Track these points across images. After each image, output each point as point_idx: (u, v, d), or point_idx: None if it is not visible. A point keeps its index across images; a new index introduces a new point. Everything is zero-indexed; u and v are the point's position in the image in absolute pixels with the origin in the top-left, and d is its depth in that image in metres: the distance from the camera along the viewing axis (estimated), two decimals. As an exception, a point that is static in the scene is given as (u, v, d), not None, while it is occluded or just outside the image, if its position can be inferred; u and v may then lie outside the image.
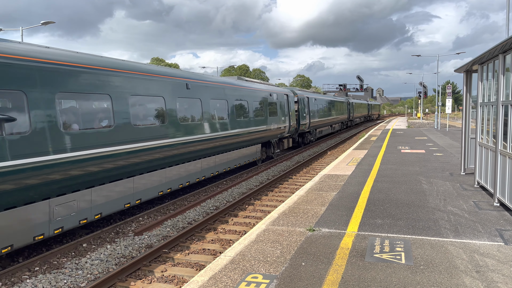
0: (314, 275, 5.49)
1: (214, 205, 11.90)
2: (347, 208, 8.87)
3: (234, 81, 16.89)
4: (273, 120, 19.84)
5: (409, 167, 14.49)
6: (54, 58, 7.94)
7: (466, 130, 12.40)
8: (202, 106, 13.10)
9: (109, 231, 9.44)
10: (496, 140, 8.94)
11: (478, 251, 6.28)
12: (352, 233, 7.19)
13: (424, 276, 5.38)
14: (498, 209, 8.65)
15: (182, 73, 12.83)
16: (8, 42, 7.32)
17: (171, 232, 9.56)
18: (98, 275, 7.25)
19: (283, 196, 13.26)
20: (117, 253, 8.21)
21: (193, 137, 12.29)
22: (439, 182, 11.71)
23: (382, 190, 10.63)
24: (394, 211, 8.62)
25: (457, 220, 7.88)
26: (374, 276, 5.42)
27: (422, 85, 52.73)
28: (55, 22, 29.68)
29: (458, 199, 9.64)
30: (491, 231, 7.23)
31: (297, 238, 6.99)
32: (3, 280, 6.91)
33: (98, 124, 8.89)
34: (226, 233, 9.63)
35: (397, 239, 6.87)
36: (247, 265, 5.87)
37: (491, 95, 9.77)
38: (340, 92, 79.37)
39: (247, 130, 16.58)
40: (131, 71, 10.03)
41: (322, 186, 11.34)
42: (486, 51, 8.85)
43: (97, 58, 9.29)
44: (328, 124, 34.93)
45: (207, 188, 14.11)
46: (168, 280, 7.08)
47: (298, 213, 8.62)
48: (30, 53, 7.46)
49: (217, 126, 14.07)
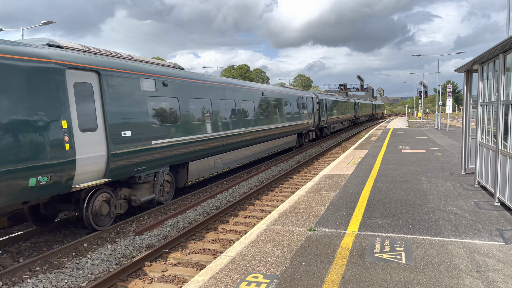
0: (315, 274, 5.49)
1: (214, 205, 11.91)
2: (348, 208, 8.87)
3: (281, 89, 24.29)
4: (304, 117, 26.27)
5: (409, 167, 14.49)
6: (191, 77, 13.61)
7: (467, 130, 12.40)
8: (269, 107, 20.11)
9: (109, 231, 9.45)
10: (497, 140, 8.94)
11: (478, 250, 6.29)
12: (352, 233, 7.20)
13: (425, 276, 5.38)
14: (499, 209, 8.66)
15: (259, 86, 20.22)
16: (178, 70, 13.15)
17: (172, 232, 9.57)
18: (98, 275, 7.26)
19: (283, 196, 13.26)
20: (118, 253, 8.22)
21: (260, 127, 18.66)
22: (439, 181, 11.71)
23: (382, 190, 10.63)
24: (394, 210, 8.63)
25: (457, 220, 7.89)
26: (375, 275, 5.42)
27: (422, 85, 52.68)
28: (56, 22, 29.68)
29: (459, 198, 9.64)
30: (491, 230, 7.23)
31: (297, 238, 6.99)
32: (4, 280, 6.92)
33: (225, 118, 15.39)
34: (227, 233, 9.63)
35: (397, 238, 6.88)
36: (247, 265, 5.87)
37: (491, 95, 9.77)
38: (340, 92, 79.34)
39: (290, 124, 23.26)
40: (221, 83, 15.81)
41: (323, 186, 11.35)
42: (486, 51, 8.85)
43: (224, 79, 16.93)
44: (340, 121, 41.71)
45: (207, 188, 14.12)
46: (169, 280, 7.09)
47: (299, 213, 8.62)
48: (189, 75, 13.59)
49: (273, 120, 20.39)
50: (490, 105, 9.80)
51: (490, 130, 9.84)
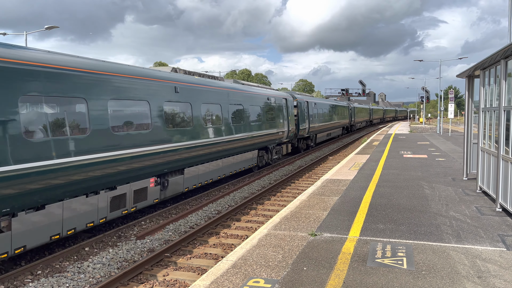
0: (316, 279, 5.49)
1: (216, 210, 11.91)
2: (349, 213, 8.87)
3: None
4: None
5: (411, 172, 14.47)
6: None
7: (468, 135, 12.40)
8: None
9: (111, 235, 9.46)
10: (498, 145, 8.94)
11: (480, 256, 6.27)
12: (354, 238, 7.19)
13: (426, 282, 5.38)
14: (500, 215, 8.64)
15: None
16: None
17: (173, 236, 9.57)
18: (100, 279, 7.26)
19: (285, 200, 13.26)
20: (119, 257, 8.23)
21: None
22: (441, 187, 11.70)
23: (384, 195, 10.63)
24: (396, 216, 8.62)
25: (459, 226, 7.88)
26: (376, 281, 5.42)
27: (424, 90, 52.69)
28: (59, 27, 29.65)
29: (460, 204, 9.63)
30: (493, 236, 7.22)
31: (299, 243, 6.99)
32: (5, 284, 6.93)
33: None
34: (228, 237, 9.63)
35: (399, 244, 6.87)
36: (249, 270, 5.88)
37: (493, 100, 9.78)
38: (342, 96, 79.37)
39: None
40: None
41: (324, 191, 11.35)
42: (488, 57, 8.87)
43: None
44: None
45: (209, 192, 14.13)
46: (170, 284, 7.09)
47: (300, 217, 8.62)
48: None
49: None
50: (492, 111, 9.81)
51: (492, 136, 9.84)
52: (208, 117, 13.46)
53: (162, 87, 11.11)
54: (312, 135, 28.67)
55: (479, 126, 11.07)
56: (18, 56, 7.18)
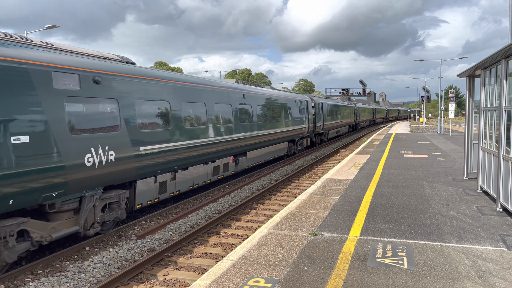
0: (316, 279, 5.49)
1: (216, 209, 11.92)
2: (350, 213, 8.87)
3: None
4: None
5: (411, 172, 14.47)
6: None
7: (469, 135, 12.39)
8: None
9: (111, 235, 9.47)
10: (499, 145, 8.93)
11: (480, 256, 6.27)
12: (354, 238, 7.19)
13: (427, 281, 5.37)
14: (501, 214, 8.64)
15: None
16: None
17: (174, 236, 9.57)
18: (100, 279, 7.27)
19: (285, 200, 13.26)
20: (120, 256, 8.23)
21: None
22: (441, 187, 11.69)
23: (384, 195, 10.62)
24: (396, 215, 8.62)
25: (459, 225, 7.87)
26: (376, 280, 5.41)
27: (424, 90, 52.67)
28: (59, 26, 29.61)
29: (461, 204, 9.62)
30: (493, 236, 7.22)
31: (299, 243, 6.99)
32: (6, 283, 6.94)
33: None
34: (229, 237, 9.63)
35: (399, 244, 6.87)
36: (249, 269, 5.88)
37: (493, 100, 9.77)
38: (342, 96, 79.34)
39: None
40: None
41: (325, 191, 11.34)
42: (488, 56, 8.87)
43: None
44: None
45: (209, 192, 14.13)
46: (170, 283, 7.09)
47: (301, 217, 8.62)
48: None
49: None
50: (493, 110, 9.80)
51: (493, 136, 9.84)
52: (262, 116, 18.47)
53: (236, 94, 16.01)
54: (325, 131, 33.50)
55: (479, 126, 11.06)
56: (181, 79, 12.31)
